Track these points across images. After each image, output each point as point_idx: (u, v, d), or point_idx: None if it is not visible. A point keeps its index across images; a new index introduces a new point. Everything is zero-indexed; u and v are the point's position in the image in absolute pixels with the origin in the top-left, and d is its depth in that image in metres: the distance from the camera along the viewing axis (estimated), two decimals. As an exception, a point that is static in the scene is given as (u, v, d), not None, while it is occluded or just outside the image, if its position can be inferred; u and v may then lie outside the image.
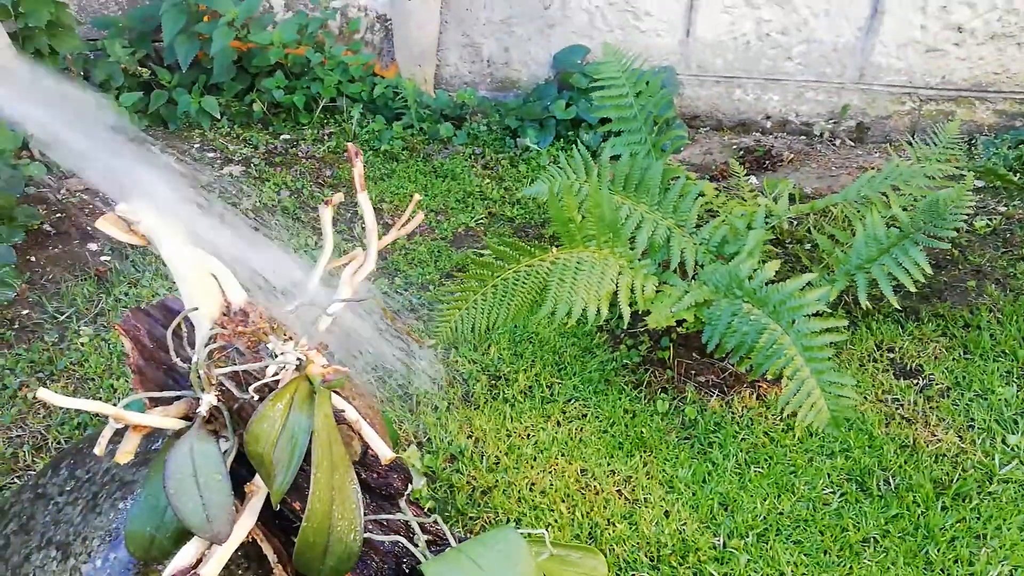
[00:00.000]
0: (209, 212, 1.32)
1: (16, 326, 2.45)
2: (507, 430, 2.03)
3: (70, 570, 1.31)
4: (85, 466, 1.47)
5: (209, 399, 1.21)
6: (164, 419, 1.22)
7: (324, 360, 1.25)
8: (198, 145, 3.38)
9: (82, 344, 2.34)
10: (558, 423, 2.05)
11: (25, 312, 2.50)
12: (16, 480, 1.93)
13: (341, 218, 2.91)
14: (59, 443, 2.02)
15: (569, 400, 2.12)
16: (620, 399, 2.11)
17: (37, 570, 1.34)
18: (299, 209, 2.97)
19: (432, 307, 2.47)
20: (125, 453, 1.16)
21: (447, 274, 2.62)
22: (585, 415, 2.07)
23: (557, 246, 1.96)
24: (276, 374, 1.22)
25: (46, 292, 2.55)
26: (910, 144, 2.42)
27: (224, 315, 1.29)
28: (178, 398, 1.28)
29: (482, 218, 2.91)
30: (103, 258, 2.73)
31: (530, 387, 2.17)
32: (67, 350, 2.32)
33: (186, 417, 1.26)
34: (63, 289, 2.55)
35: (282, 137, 3.45)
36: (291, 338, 1.27)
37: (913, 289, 1.96)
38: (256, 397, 1.18)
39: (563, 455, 1.94)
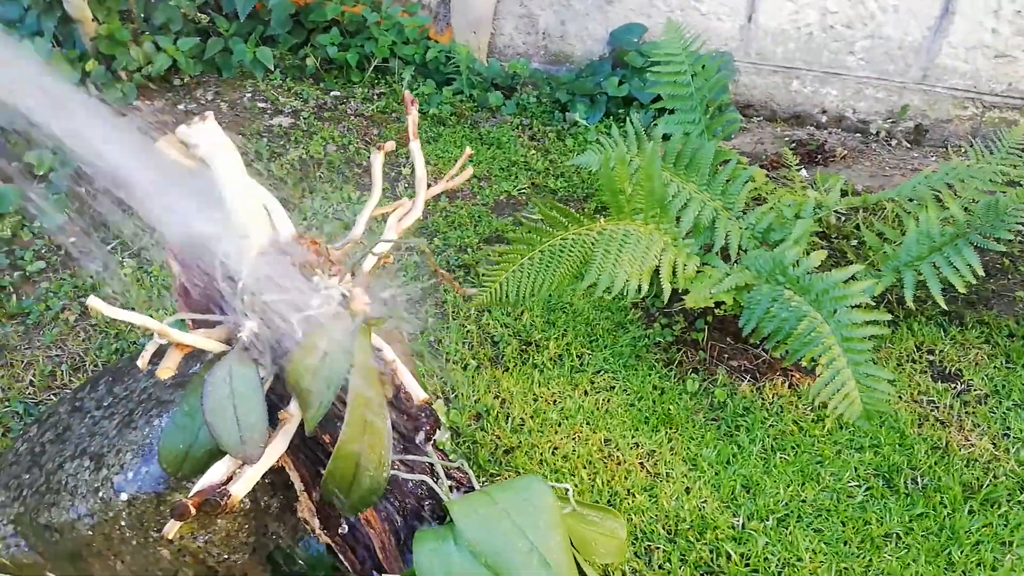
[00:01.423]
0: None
1: (62, 252, 2.51)
2: (534, 394, 2.03)
3: (102, 480, 1.34)
4: (123, 383, 1.51)
5: (251, 325, 1.23)
6: (206, 340, 1.24)
7: (367, 298, 1.26)
8: (249, 95, 3.40)
9: (125, 275, 2.38)
10: (585, 392, 2.05)
11: (72, 240, 2.55)
12: (53, 396, 1.98)
13: (385, 176, 2.92)
14: (96, 366, 2.07)
15: (598, 371, 2.12)
16: (650, 375, 2.10)
17: (70, 477, 1.38)
18: (344, 164, 2.99)
19: (468, 269, 2.48)
20: (166, 369, 1.18)
21: (485, 239, 2.62)
22: (613, 387, 2.06)
23: (604, 217, 1.95)
24: (320, 307, 1.23)
25: (93, 222, 2.60)
26: (971, 146, 2.35)
27: (273, 246, 1.31)
28: (221, 323, 1.30)
29: (525, 188, 2.90)
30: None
31: (560, 355, 2.17)
32: (110, 280, 2.37)
33: (227, 342, 1.28)
34: (109, 221, 2.60)
35: (332, 93, 3.46)
36: (336, 274, 1.28)
37: (962, 290, 1.92)
38: (298, 327, 1.19)
39: (588, 424, 1.94)
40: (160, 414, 1.37)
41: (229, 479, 1.15)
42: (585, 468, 1.82)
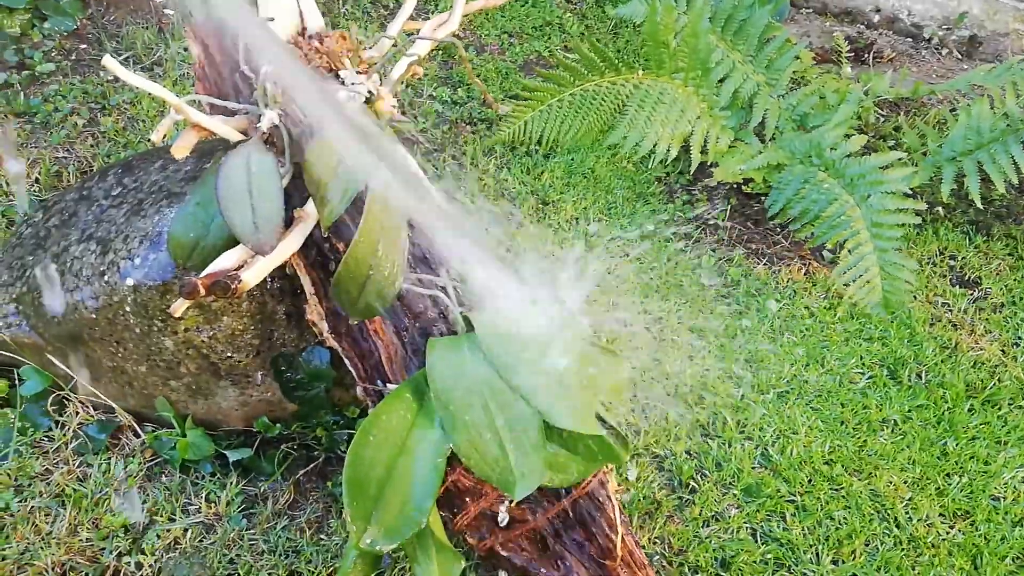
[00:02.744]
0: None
1: (73, 58, 2.40)
2: (546, 251, 1.99)
3: (108, 264, 1.31)
4: (133, 175, 1.46)
5: (272, 115, 1.17)
6: (224, 126, 1.18)
7: (393, 100, 1.20)
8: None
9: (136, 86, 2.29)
10: (599, 257, 2.01)
11: (83, 47, 2.45)
12: (59, 197, 1.93)
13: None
14: (104, 172, 2.02)
15: (613, 238, 2.07)
16: (665, 248, 2.06)
17: (75, 260, 1.35)
18: (370, 3, 2.84)
19: (491, 124, 2.39)
20: (181, 148, 1.13)
21: (511, 96, 2.52)
22: (627, 254, 2.02)
23: (643, 71, 1.85)
24: (345, 102, 1.17)
25: (106, 31, 2.49)
26: (1033, 51, 2.23)
27: (299, 36, 1.23)
28: (241, 113, 1.23)
29: (557, 49, 2.77)
30: (167, 11, 2.64)
31: (577, 218, 2.12)
32: (120, 89, 2.28)
33: (244, 134, 1.22)
34: (124, 32, 2.49)
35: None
36: (365, 72, 1.21)
37: (1001, 190, 1.85)
38: (322, 120, 1.13)
39: (597, 285, 1.91)
40: (171, 205, 1.33)
41: (241, 267, 1.12)
42: (591, 326, 1.80)
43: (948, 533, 1.46)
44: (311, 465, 1.46)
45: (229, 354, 1.34)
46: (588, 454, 1.06)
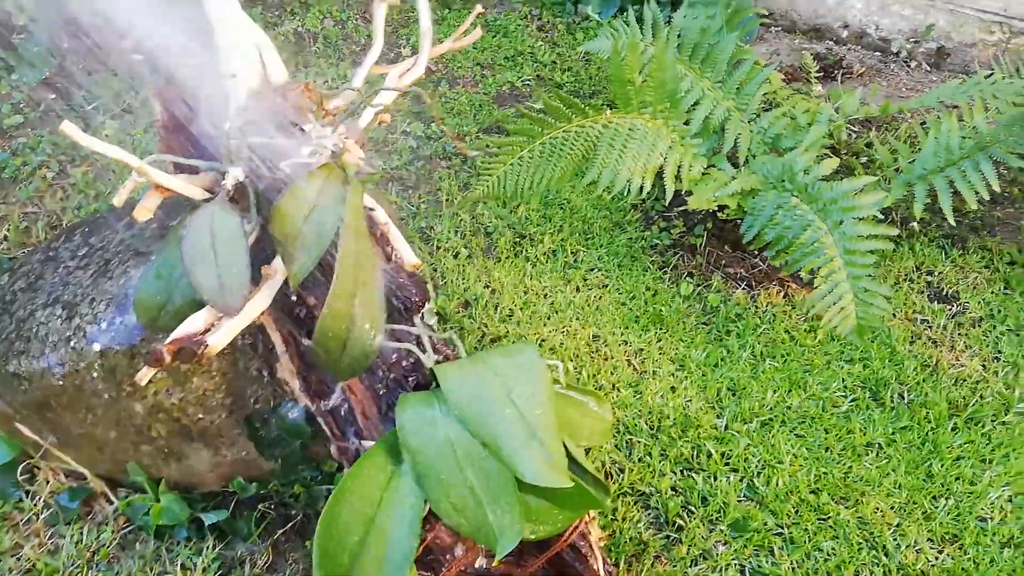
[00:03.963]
0: None
1: (42, 108, 2.39)
2: (525, 286, 1.98)
3: (74, 329, 1.29)
4: (100, 235, 1.44)
5: (236, 172, 1.15)
6: (187, 185, 1.16)
7: (361, 152, 1.19)
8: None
9: (106, 136, 2.28)
10: (577, 288, 2.00)
11: (52, 97, 2.43)
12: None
13: (389, 39, 2.79)
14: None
15: (592, 269, 2.07)
16: (643, 276, 2.05)
17: (41, 326, 1.33)
18: (341, 40, 2.84)
19: (465, 158, 2.39)
20: (144, 210, 1.12)
21: (485, 128, 2.52)
22: (606, 285, 2.02)
23: (611, 110, 1.86)
24: (311, 156, 1.16)
25: (75, 81, 2.47)
26: (997, 63, 2.26)
27: (263, 89, 1.22)
28: (205, 170, 1.22)
29: (529, 79, 2.78)
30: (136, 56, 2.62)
31: (554, 250, 2.11)
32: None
33: (210, 191, 1.21)
34: (93, 80, 2.47)
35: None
36: (331, 124, 1.20)
37: (974, 206, 1.86)
38: (287, 175, 1.12)
39: (578, 319, 1.91)
40: (138, 265, 1.31)
41: (207, 330, 1.10)
42: (572, 361, 1.79)
43: (937, 559, 1.45)
44: (290, 524, 1.43)
45: (201, 415, 1.32)
46: (568, 503, 1.04)
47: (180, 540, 1.39)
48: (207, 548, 1.38)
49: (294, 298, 1.21)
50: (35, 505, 1.38)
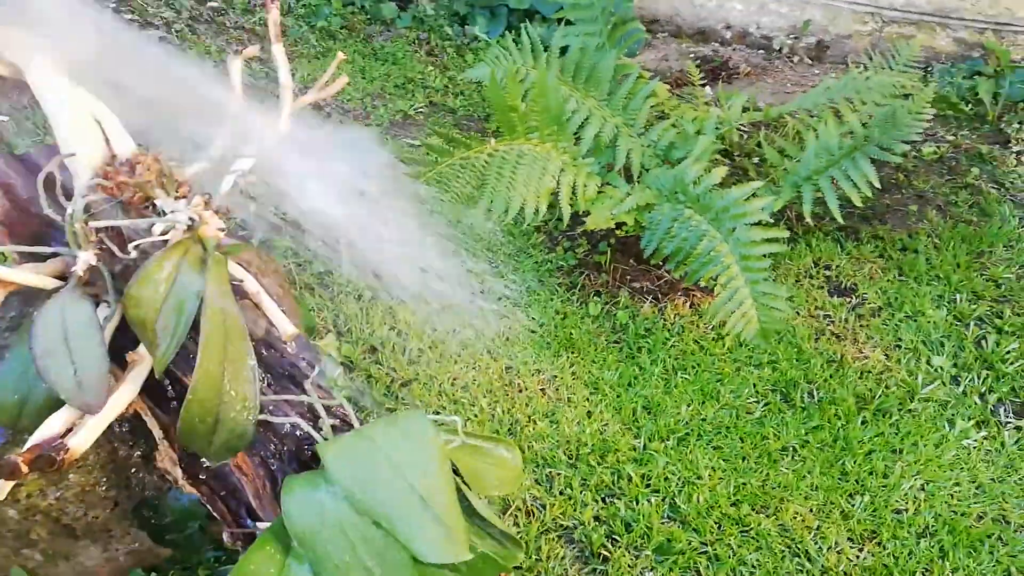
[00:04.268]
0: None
1: None
2: (432, 324, 1.94)
3: (-71, 438, 1.18)
4: (-47, 329, 1.32)
5: (86, 257, 1.07)
6: (33, 275, 1.08)
7: (220, 223, 1.12)
8: (113, 4, 3.07)
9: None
10: (487, 321, 1.97)
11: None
12: None
13: (256, 87, 2.70)
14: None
15: (500, 298, 2.03)
16: (552, 300, 2.03)
17: None
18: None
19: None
20: (-15, 309, 1.03)
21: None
22: (514, 313, 1.99)
23: (496, 139, 1.83)
24: (165, 234, 1.08)
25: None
26: (869, 59, 2.33)
27: (107, 165, 1.14)
28: (54, 256, 1.14)
29: (422, 106, 2.74)
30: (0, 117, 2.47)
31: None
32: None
33: (61, 278, 1.12)
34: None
35: (209, 4, 3.16)
36: (184, 196, 1.13)
37: (858, 204, 1.91)
38: (139, 257, 1.05)
39: (488, 352, 1.87)
40: (-7, 361, 1.21)
41: (70, 430, 1.02)
42: (485, 397, 1.76)
43: (858, 558, 1.47)
44: (196, 611, 1.35)
45: (82, 512, 1.23)
46: (473, 572, 1.00)
47: (77, 647, 1.29)
48: (107, 652, 1.28)
49: (168, 384, 1.14)
50: (-97, 636, 1.26)
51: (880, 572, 1.44)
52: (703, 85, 2.88)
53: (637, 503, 1.55)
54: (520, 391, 1.79)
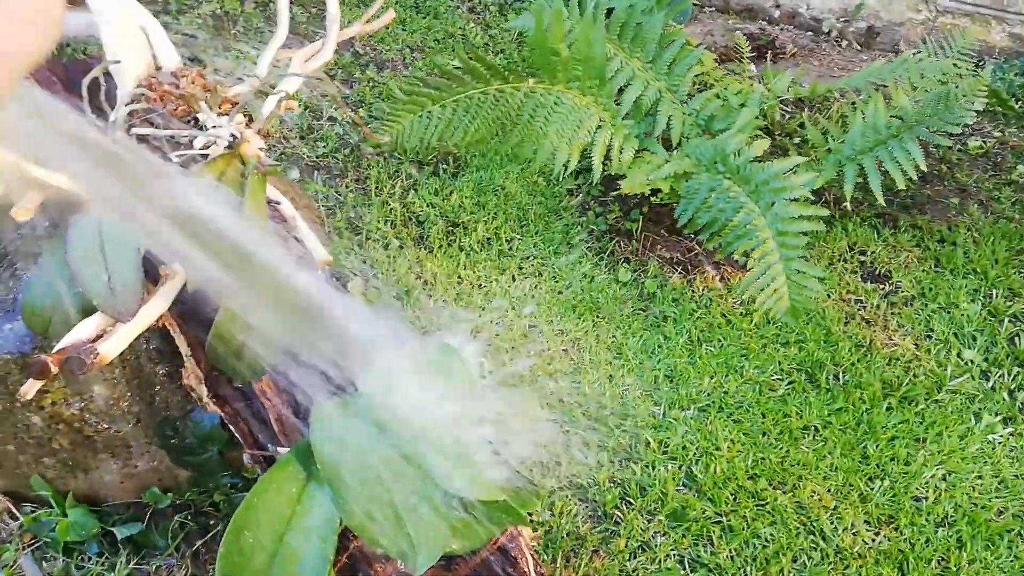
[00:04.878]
0: None
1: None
2: (459, 276, 1.92)
3: (-42, 339, 1.18)
4: (-14, 235, 1.32)
5: (126, 166, 1.06)
6: (72, 182, 1.07)
7: (261, 143, 1.11)
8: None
9: None
10: (513, 278, 1.95)
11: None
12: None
13: (301, 24, 2.68)
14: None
15: (527, 257, 2.02)
16: (580, 263, 2.01)
17: (-78, 336, 1.21)
18: (264, 22, 2.72)
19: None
20: (23, 210, 1.02)
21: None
22: (542, 274, 1.97)
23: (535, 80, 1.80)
24: (205, 148, 1.07)
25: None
26: (924, 43, 2.27)
27: (152, 76, 1.13)
28: (93, 165, 1.13)
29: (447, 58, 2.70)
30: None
31: (489, 239, 2.05)
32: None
33: (100, 187, 1.12)
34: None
35: (254, -56, 3.13)
36: (227, 113, 1.11)
37: (902, 186, 1.87)
38: (179, 168, 1.04)
39: (513, 308, 1.86)
40: (26, 268, 1.21)
41: (99, 337, 1.01)
42: (507, 352, 1.74)
43: (874, 541, 1.45)
44: (210, 534, 1.35)
45: (105, 425, 1.23)
46: (493, 517, 0.99)
47: (91, 556, 1.30)
48: (120, 563, 1.30)
49: (199, 301, 1.13)
50: (-74, 528, 1.28)
51: (896, 556, 1.42)
52: (750, 57, 2.82)
53: (653, 469, 1.54)
54: (543, 349, 1.77)
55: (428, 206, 2.12)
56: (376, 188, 2.16)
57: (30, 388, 1.01)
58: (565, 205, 2.20)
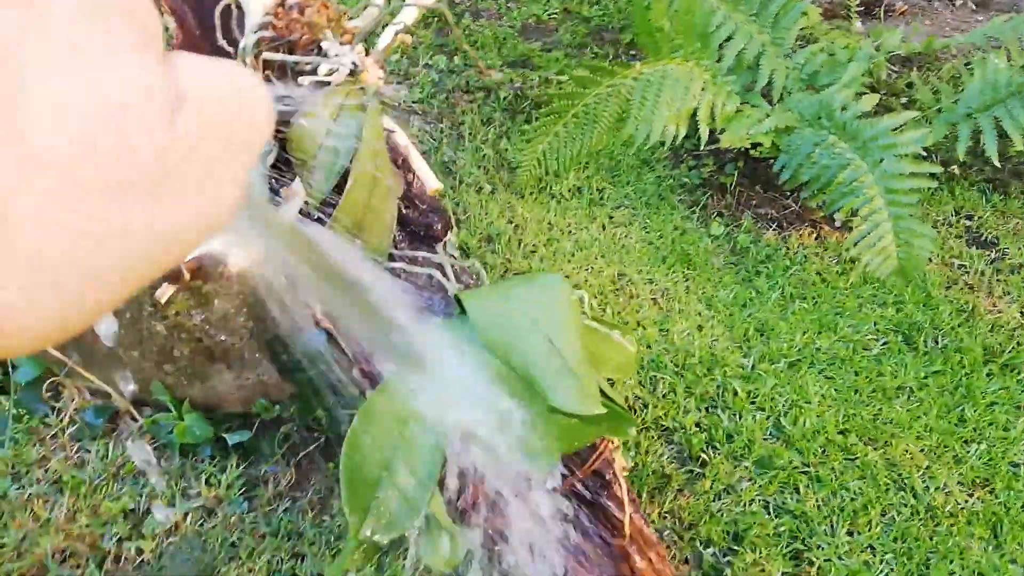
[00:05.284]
0: None
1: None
2: (549, 223, 1.94)
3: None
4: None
5: (254, 89, 1.12)
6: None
7: (380, 72, 1.14)
8: None
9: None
10: (603, 226, 1.96)
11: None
12: None
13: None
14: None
15: (618, 207, 2.02)
16: (672, 215, 2.00)
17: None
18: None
19: (489, 92, 2.32)
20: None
21: (510, 63, 2.45)
22: (632, 223, 1.97)
23: (635, 57, 1.79)
24: (329, 75, 1.12)
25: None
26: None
27: (279, 5, 1.18)
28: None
29: (556, 12, 2.69)
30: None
31: (580, 187, 2.06)
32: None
33: (228, 110, 1.18)
34: None
35: None
36: (350, 43, 1.15)
37: (1022, 147, 1.78)
38: (304, 93, 1.09)
39: (603, 256, 1.87)
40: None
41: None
42: (596, 298, 1.76)
43: (967, 502, 1.42)
44: (312, 446, 1.44)
45: (223, 337, 1.31)
46: (600, 424, 1.02)
47: (204, 458, 1.40)
48: (231, 466, 1.39)
49: (315, 221, 1.19)
50: (61, 421, 1.39)
51: (989, 518, 1.39)
52: (859, 11, 2.71)
53: (740, 417, 1.54)
54: (632, 297, 1.78)
55: (520, 152, 2.14)
56: (470, 134, 2.19)
57: (165, 292, 1.08)
58: (657, 157, 2.19)
